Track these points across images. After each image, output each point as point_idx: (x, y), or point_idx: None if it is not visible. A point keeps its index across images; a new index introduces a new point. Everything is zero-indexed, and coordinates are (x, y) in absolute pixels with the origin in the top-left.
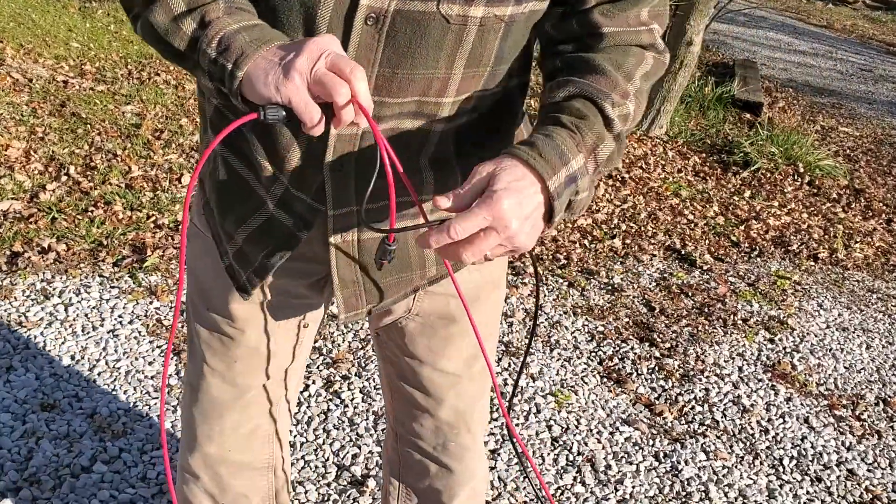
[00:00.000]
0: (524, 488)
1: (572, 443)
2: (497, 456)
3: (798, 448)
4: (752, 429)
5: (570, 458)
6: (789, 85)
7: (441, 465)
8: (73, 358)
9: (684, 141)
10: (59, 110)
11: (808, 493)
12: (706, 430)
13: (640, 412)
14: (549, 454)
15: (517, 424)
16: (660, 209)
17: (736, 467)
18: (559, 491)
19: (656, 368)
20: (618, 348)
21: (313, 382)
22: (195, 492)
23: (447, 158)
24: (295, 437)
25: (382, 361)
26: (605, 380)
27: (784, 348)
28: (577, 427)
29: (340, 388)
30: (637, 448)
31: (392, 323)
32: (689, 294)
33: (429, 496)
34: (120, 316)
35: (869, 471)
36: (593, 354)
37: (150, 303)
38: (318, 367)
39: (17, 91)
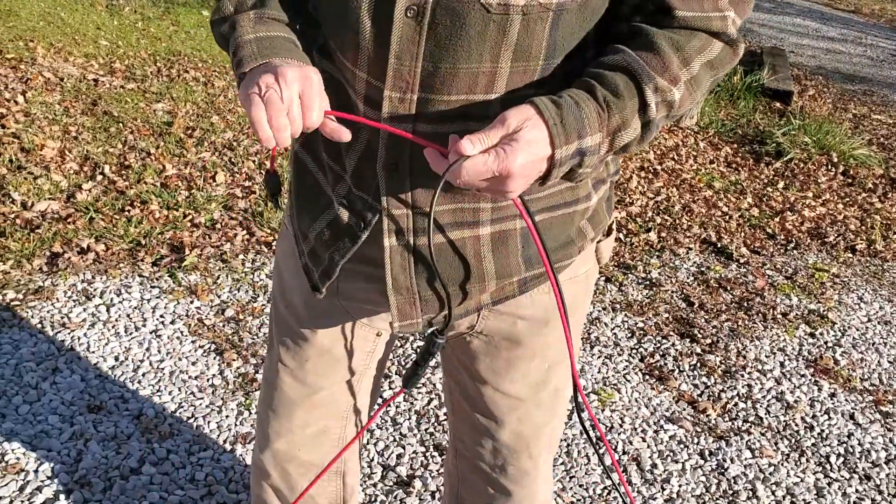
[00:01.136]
0: (570, 488)
1: (617, 442)
2: None
3: (845, 445)
4: (796, 425)
5: (616, 457)
6: (819, 72)
7: (498, 488)
8: (117, 359)
9: (715, 131)
10: (91, 109)
11: (857, 491)
12: (750, 427)
13: (684, 410)
14: (593, 454)
15: None
16: (693, 201)
17: (782, 465)
18: (606, 491)
19: (698, 365)
20: (659, 345)
21: None
22: (265, 488)
23: None
24: None
25: (446, 375)
26: (647, 377)
27: (825, 343)
28: (621, 426)
29: (382, 387)
30: (682, 446)
31: (457, 336)
32: (728, 288)
33: None
34: (161, 316)
35: None
36: (634, 351)
37: (191, 302)
38: None
39: (50, 90)
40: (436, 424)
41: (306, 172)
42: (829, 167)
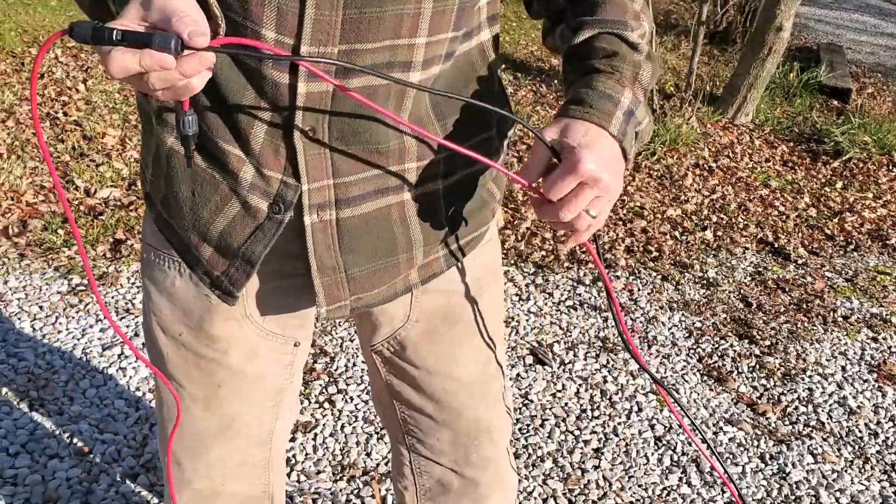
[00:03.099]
0: (629, 488)
1: (676, 442)
2: (601, 455)
3: None
4: (860, 431)
5: (675, 458)
6: (878, 70)
7: (464, 480)
8: None
9: (771, 129)
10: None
11: None
12: (812, 431)
13: (743, 412)
14: (653, 454)
15: (620, 423)
16: (749, 200)
17: (846, 471)
18: (665, 491)
19: (757, 367)
20: (717, 345)
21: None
22: None
23: (425, 116)
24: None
25: (382, 379)
26: (705, 378)
27: (889, 348)
28: (679, 426)
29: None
30: (742, 449)
31: (390, 337)
32: (786, 289)
33: None
34: None
35: None
36: (692, 351)
37: None
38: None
39: (109, 79)
40: None
41: (189, 168)
42: (891, 167)
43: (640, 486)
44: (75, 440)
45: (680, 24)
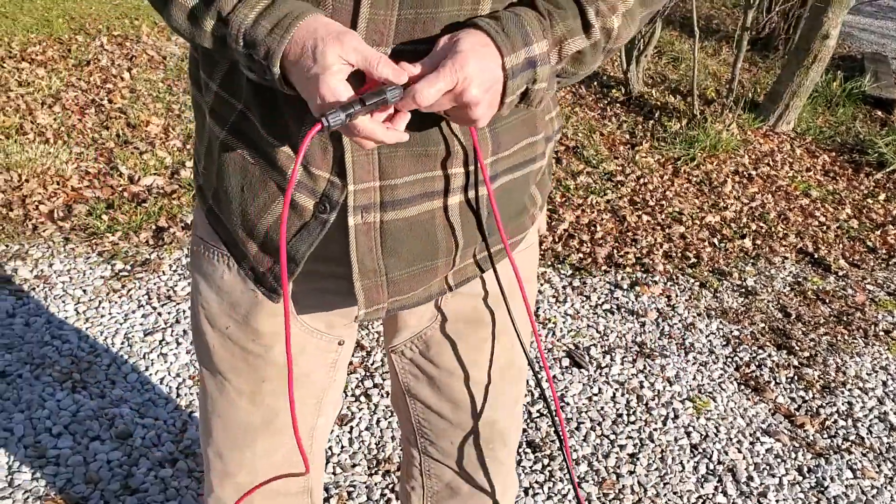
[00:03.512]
0: (664, 495)
1: (712, 451)
2: (636, 460)
3: None
4: None
5: (711, 466)
6: None
7: (474, 485)
8: None
9: (812, 138)
10: None
11: None
12: (851, 445)
13: (781, 423)
14: (688, 461)
15: (656, 429)
16: (789, 209)
17: (886, 488)
18: (700, 500)
19: (795, 378)
20: (755, 354)
21: None
22: None
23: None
24: None
25: (400, 379)
26: (742, 387)
27: None
28: (716, 435)
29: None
30: (779, 460)
31: (414, 336)
32: (826, 301)
33: None
34: None
35: None
36: (729, 360)
37: None
38: None
39: (153, 68)
40: None
41: (239, 164)
42: None
43: (675, 493)
44: (116, 423)
45: (721, 30)
